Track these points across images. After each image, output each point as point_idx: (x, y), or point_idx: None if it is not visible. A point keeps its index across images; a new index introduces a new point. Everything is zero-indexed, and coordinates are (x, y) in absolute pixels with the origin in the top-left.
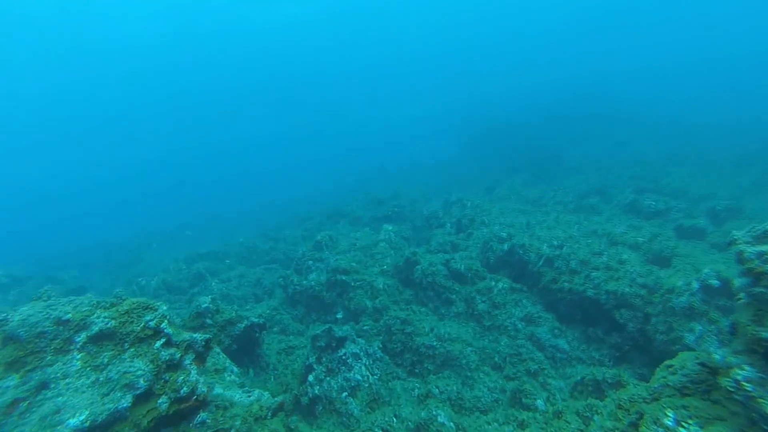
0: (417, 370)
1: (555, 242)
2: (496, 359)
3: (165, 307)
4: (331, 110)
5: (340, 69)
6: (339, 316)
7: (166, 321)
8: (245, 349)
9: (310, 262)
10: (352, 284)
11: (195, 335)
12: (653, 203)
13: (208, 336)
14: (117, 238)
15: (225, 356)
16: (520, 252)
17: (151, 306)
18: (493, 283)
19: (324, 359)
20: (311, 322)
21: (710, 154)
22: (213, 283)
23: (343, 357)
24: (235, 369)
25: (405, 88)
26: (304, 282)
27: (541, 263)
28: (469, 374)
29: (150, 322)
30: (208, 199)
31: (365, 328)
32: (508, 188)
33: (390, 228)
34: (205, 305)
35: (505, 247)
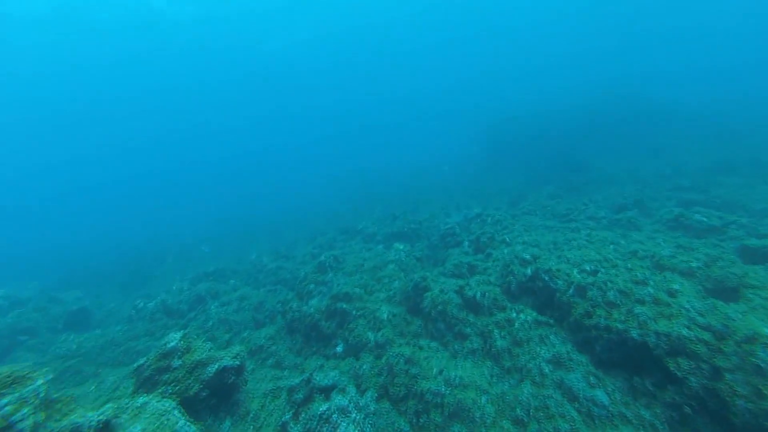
0: (422, 421)
1: (587, 266)
2: (518, 412)
3: (41, 381)
4: (351, 119)
5: (360, 79)
6: (339, 349)
7: (28, 407)
8: (220, 395)
9: (312, 285)
10: (354, 313)
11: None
12: (704, 218)
13: None
14: (133, 251)
15: (180, 414)
16: (546, 278)
17: (21, 378)
18: (515, 314)
19: (302, 416)
20: (310, 354)
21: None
22: (212, 307)
23: (326, 414)
24: (192, 429)
25: (427, 96)
26: (304, 308)
27: (571, 292)
28: (484, 431)
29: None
30: (230, 211)
31: (364, 367)
32: (533, 202)
33: (401, 247)
34: (173, 344)
35: (529, 271)
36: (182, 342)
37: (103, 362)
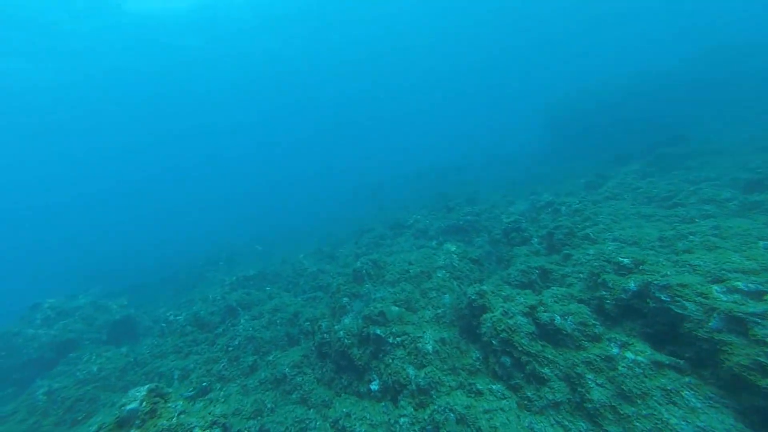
0: None
1: (740, 282)
2: None
3: None
4: (403, 108)
5: (413, 67)
6: (374, 387)
7: None
8: None
9: (345, 299)
10: (390, 341)
11: None
12: None
13: None
14: (187, 254)
15: None
16: (664, 298)
17: None
18: (616, 348)
19: None
20: (340, 388)
21: None
22: (242, 321)
23: None
24: None
25: (478, 72)
26: (335, 328)
27: (714, 324)
28: None
29: None
30: (287, 208)
31: (402, 421)
32: (618, 183)
33: (453, 249)
34: (133, 405)
35: (632, 285)
36: (145, 403)
37: (123, 387)
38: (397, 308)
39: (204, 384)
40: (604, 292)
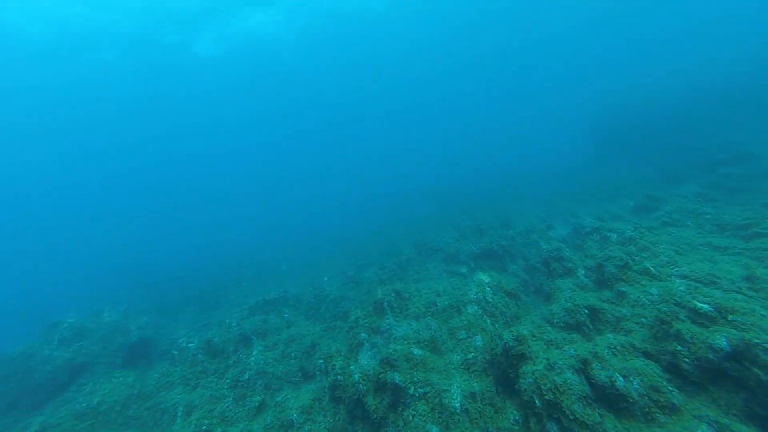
0: None
1: None
2: None
3: None
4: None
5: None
6: None
7: None
8: None
9: (364, 335)
10: (411, 392)
11: None
12: None
13: None
14: (212, 268)
15: None
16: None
17: None
18: (706, 427)
19: None
20: None
21: None
22: (255, 351)
23: None
24: None
25: (513, 81)
26: (351, 368)
27: None
28: None
29: None
30: (318, 222)
31: None
32: (676, 208)
33: (486, 280)
34: None
35: (722, 342)
36: None
37: (122, 423)
38: (420, 351)
39: (204, 428)
40: (678, 347)
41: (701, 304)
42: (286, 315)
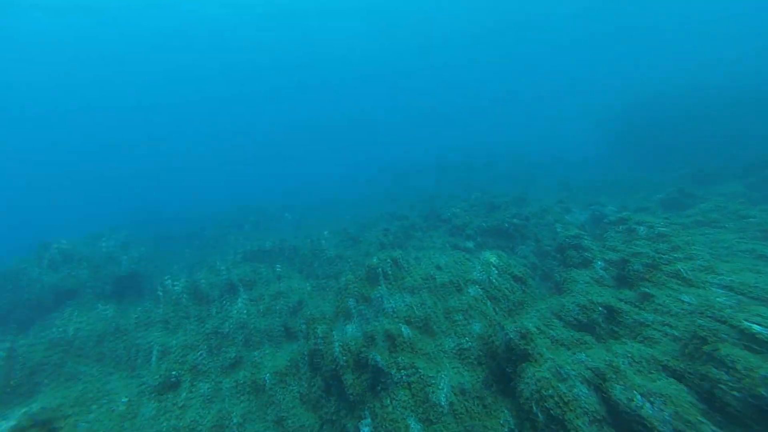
0: None
1: None
2: None
3: None
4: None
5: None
6: (364, 431)
7: None
8: None
9: (352, 302)
10: (394, 375)
11: None
12: None
13: None
14: (222, 210)
15: None
16: None
17: None
18: None
19: None
20: (327, 417)
21: None
22: (240, 301)
23: None
24: None
25: (535, 64)
26: (333, 336)
27: None
28: None
29: None
30: (325, 180)
31: None
32: (715, 207)
33: (493, 260)
34: None
35: None
36: None
37: (95, 356)
38: (409, 330)
39: (173, 375)
40: (719, 373)
41: (753, 325)
42: (278, 268)
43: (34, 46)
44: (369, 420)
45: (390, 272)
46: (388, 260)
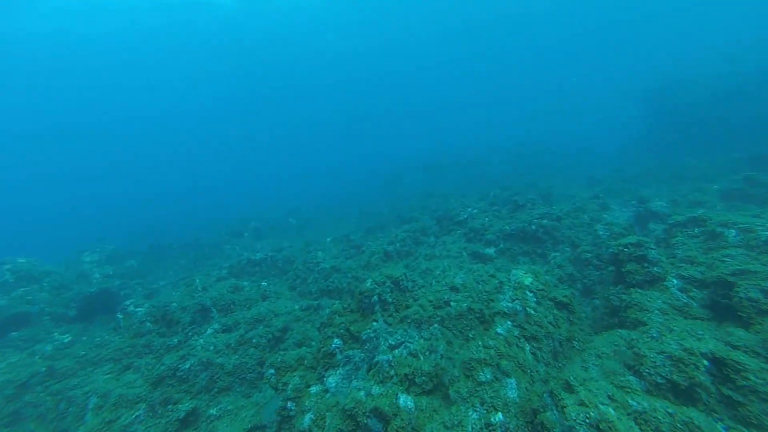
0: None
1: None
2: None
3: None
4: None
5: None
6: None
7: None
8: None
9: (338, 343)
10: None
11: None
12: None
13: None
14: (216, 219)
15: None
16: None
17: None
18: None
19: None
20: None
21: None
22: (209, 331)
23: None
24: None
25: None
26: (304, 404)
27: None
28: None
29: None
30: (338, 183)
31: None
32: None
33: (528, 281)
34: None
35: None
36: None
37: (11, 411)
38: (412, 400)
39: None
40: None
41: None
42: (264, 284)
43: (33, 46)
44: None
45: (390, 299)
46: (387, 283)
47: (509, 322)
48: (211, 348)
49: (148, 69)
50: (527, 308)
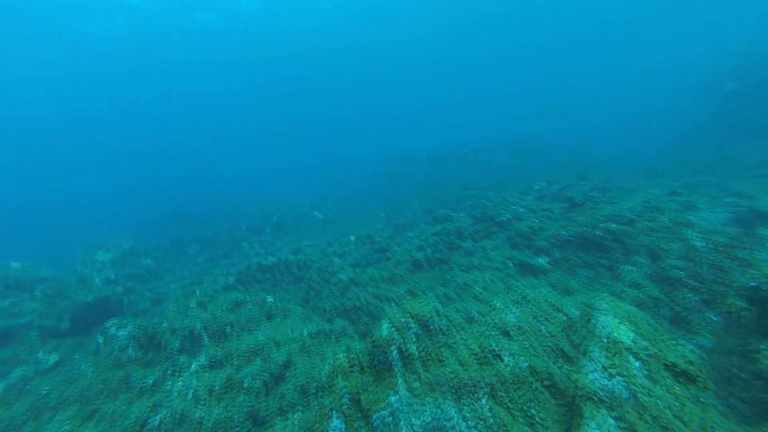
0: None
1: None
2: None
3: None
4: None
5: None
6: None
7: None
8: None
9: (337, 423)
10: None
11: None
12: None
13: None
14: (240, 208)
15: None
16: None
17: None
18: None
19: None
20: None
21: None
22: (193, 365)
23: None
24: None
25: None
26: None
27: None
28: None
29: None
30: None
31: None
32: None
33: (627, 338)
34: None
35: None
36: None
37: None
38: None
39: None
40: None
41: None
42: (269, 299)
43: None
44: None
45: (415, 350)
46: (412, 326)
47: (604, 412)
48: (190, 394)
49: (164, 63)
50: (636, 391)
